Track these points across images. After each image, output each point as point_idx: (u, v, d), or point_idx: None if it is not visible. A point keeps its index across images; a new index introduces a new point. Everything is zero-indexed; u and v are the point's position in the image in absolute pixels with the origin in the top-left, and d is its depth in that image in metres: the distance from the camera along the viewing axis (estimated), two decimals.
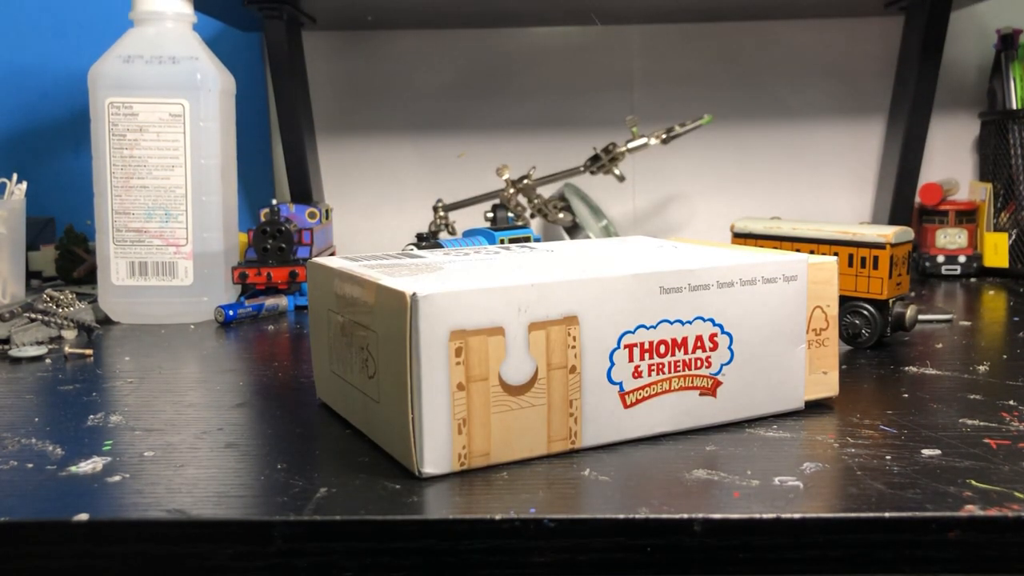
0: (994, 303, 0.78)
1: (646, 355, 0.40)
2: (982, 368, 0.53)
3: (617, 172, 0.94)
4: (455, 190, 1.10)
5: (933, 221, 0.96)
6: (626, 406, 0.40)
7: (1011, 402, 0.45)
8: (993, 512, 0.31)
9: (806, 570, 0.32)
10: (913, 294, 0.83)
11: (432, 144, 1.10)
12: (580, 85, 1.09)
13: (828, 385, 0.45)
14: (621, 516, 0.32)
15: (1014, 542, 0.31)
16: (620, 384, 0.39)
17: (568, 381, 0.38)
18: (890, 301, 0.58)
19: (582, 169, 0.95)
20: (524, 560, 0.32)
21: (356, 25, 1.06)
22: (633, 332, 0.39)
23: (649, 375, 0.40)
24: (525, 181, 0.93)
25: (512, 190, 0.93)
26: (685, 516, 0.32)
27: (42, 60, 1.09)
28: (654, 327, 0.40)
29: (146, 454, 0.39)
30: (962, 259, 0.94)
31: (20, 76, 1.09)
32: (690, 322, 0.41)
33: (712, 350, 0.41)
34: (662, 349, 0.40)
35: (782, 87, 1.08)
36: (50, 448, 0.40)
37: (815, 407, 0.45)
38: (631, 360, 0.40)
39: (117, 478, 0.36)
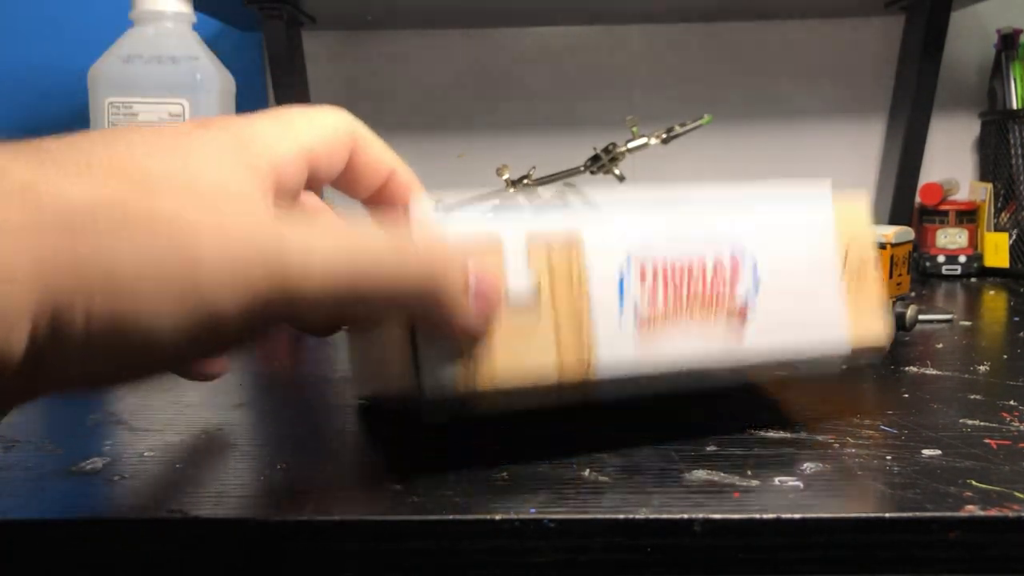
0: (994, 303, 0.78)
1: (660, 280, 0.37)
2: (982, 368, 0.53)
3: (617, 172, 0.94)
4: (455, 190, 1.10)
5: (933, 221, 0.96)
6: (642, 334, 0.37)
7: (1011, 402, 0.45)
8: (993, 512, 0.31)
9: (806, 570, 0.32)
10: (913, 294, 0.83)
11: (432, 144, 1.10)
12: (580, 85, 1.09)
13: (873, 332, 0.41)
14: (621, 516, 0.32)
15: (1014, 542, 0.31)
16: (634, 308, 0.36)
17: (577, 301, 0.36)
18: (890, 301, 0.58)
19: (582, 169, 0.95)
20: (524, 560, 0.32)
21: (356, 25, 1.06)
22: (647, 256, 0.37)
23: (666, 302, 0.37)
24: (525, 181, 0.93)
25: (512, 190, 0.93)
26: (685, 516, 0.32)
27: (41, 60, 1.09)
28: (670, 252, 0.37)
29: (146, 454, 0.39)
30: (962, 259, 0.94)
31: (19, 76, 1.09)
32: (712, 247, 0.38)
33: (734, 278, 0.38)
34: (679, 275, 0.37)
35: (782, 87, 1.08)
36: (49, 448, 0.40)
37: (815, 406, 0.45)
38: (644, 282, 0.37)
39: (116, 478, 0.36)
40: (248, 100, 1.07)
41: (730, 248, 0.39)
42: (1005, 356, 0.56)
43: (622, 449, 0.39)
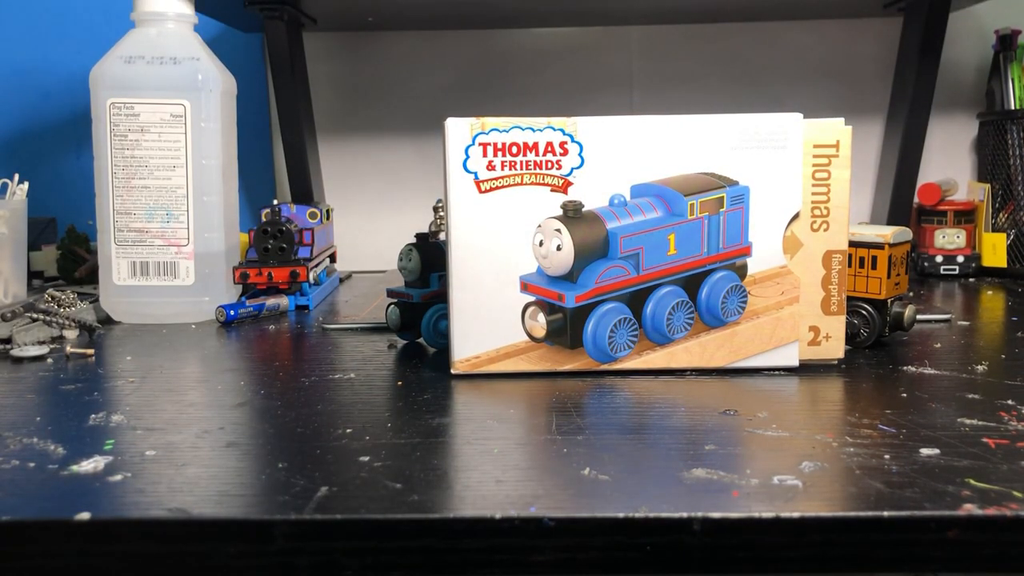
0: (992, 303, 0.78)
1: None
2: (980, 368, 0.53)
3: None
4: None
5: (932, 221, 0.97)
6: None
7: (1009, 401, 0.45)
8: (992, 511, 0.32)
9: (805, 569, 0.32)
10: (912, 294, 0.83)
11: (432, 144, 1.10)
12: (580, 85, 1.10)
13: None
14: (621, 515, 0.32)
15: (1012, 541, 0.32)
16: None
17: None
18: (888, 301, 0.58)
19: None
20: (524, 559, 0.32)
21: (356, 26, 1.06)
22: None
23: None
24: None
25: None
26: (685, 515, 0.32)
27: (44, 61, 1.09)
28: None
29: (147, 453, 0.39)
30: (960, 259, 0.94)
31: (22, 77, 1.09)
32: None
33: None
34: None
35: (782, 87, 1.09)
36: (51, 447, 0.40)
37: (814, 406, 0.45)
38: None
39: (118, 477, 0.36)
40: (249, 100, 1.07)
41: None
42: (1003, 356, 0.56)
43: (622, 449, 0.39)
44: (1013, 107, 0.97)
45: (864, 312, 0.58)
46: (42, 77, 1.09)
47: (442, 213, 0.98)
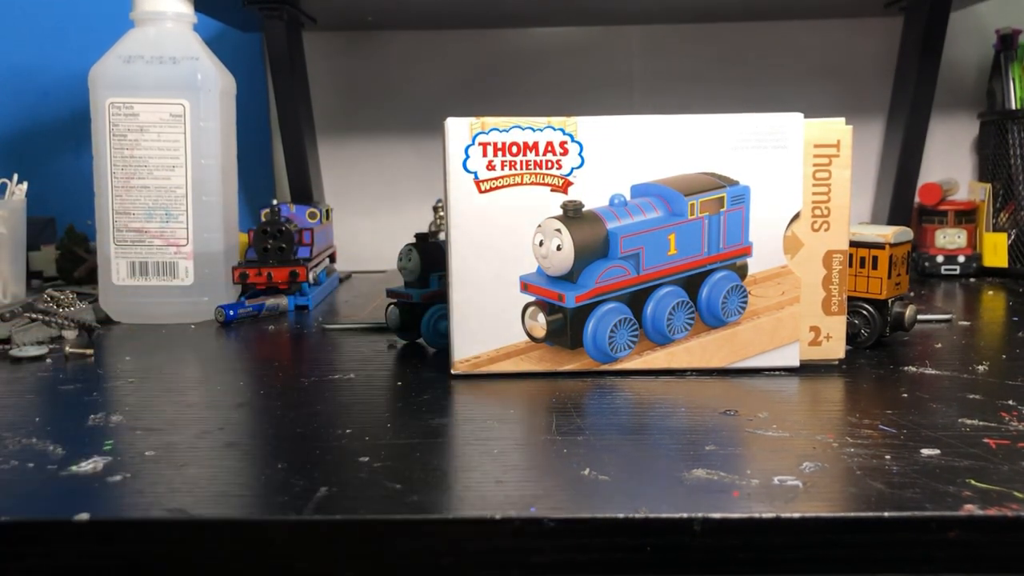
0: (993, 303, 0.78)
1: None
2: (981, 368, 0.53)
3: None
4: None
5: (932, 221, 0.96)
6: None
7: (1010, 402, 0.45)
8: (992, 512, 0.31)
9: (806, 570, 0.32)
10: (912, 294, 0.83)
11: (432, 144, 1.10)
12: (580, 85, 1.09)
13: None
14: (621, 516, 0.32)
15: (1014, 542, 0.31)
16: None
17: None
18: (889, 301, 0.58)
19: None
20: (524, 560, 0.32)
21: (356, 25, 1.06)
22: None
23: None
24: None
25: None
26: (685, 516, 0.32)
27: (43, 60, 1.09)
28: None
29: (147, 454, 0.39)
30: (961, 259, 0.94)
31: (21, 76, 1.09)
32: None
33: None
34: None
35: (782, 87, 1.08)
36: (51, 448, 0.40)
37: (815, 406, 0.45)
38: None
39: (118, 478, 0.36)
40: (248, 100, 1.07)
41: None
42: (1004, 356, 0.56)
43: (622, 449, 0.39)
44: (1014, 107, 0.97)
45: (865, 312, 0.58)
46: (41, 77, 1.09)
47: (442, 213, 0.98)
